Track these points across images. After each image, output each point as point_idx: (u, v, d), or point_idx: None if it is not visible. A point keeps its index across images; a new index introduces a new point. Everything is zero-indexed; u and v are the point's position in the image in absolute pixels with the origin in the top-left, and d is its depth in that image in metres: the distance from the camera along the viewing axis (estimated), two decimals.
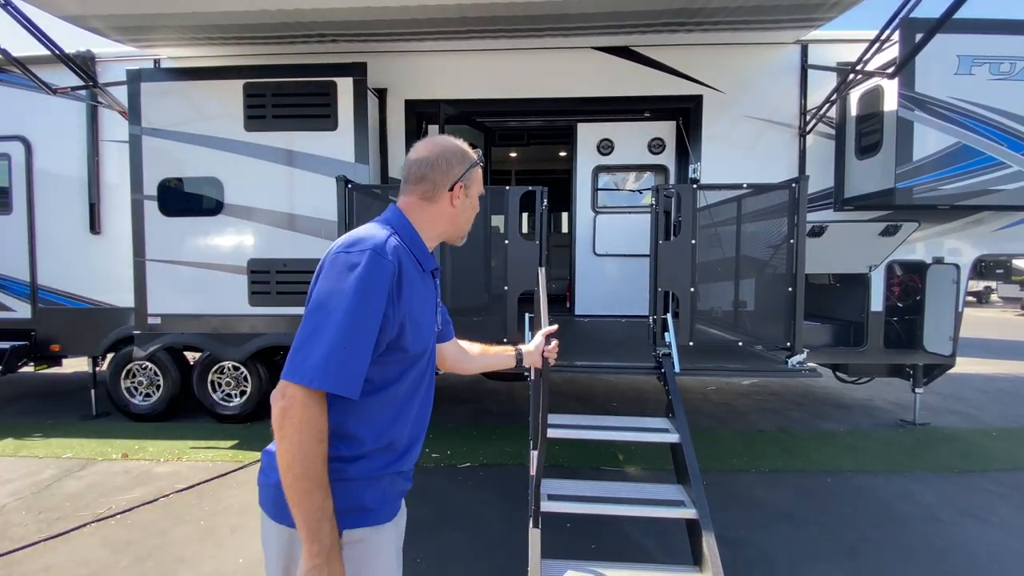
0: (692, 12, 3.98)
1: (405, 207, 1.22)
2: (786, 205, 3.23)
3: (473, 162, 1.25)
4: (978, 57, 3.78)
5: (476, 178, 1.27)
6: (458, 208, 1.24)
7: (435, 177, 1.20)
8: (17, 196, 5.09)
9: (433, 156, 1.20)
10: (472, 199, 1.28)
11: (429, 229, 1.23)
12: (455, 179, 1.21)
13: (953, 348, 4.56)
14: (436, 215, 1.23)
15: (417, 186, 1.21)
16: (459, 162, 1.22)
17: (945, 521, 3.20)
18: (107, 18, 4.07)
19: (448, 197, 1.22)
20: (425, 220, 1.22)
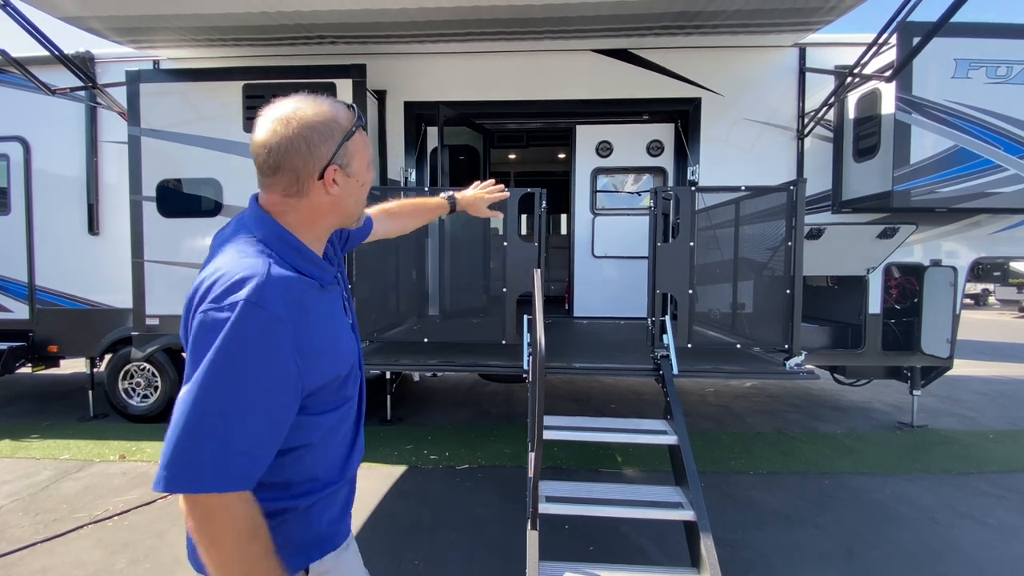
0: (691, 15, 4.00)
1: (270, 207, 0.94)
2: (784, 207, 3.24)
3: (345, 133, 0.93)
4: (975, 61, 3.80)
5: (357, 148, 0.96)
6: (338, 195, 0.94)
7: (294, 165, 0.89)
8: (16, 196, 5.08)
9: (283, 139, 0.88)
10: (358, 176, 0.97)
11: (308, 230, 0.96)
12: (324, 162, 0.91)
13: (951, 350, 4.57)
14: (312, 212, 0.95)
15: (274, 179, 0.91)
16: (323, 138, 0.90)
17: (942, 523, 3.20)
18: (106, 19, 4.07)
19: (320, 187, 0.92)
20: (300, 221, 0.94)
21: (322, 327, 0.91)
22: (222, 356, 0.77)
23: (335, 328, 0.98)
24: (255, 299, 0.80)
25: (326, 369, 0.92)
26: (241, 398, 0.79)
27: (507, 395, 6.16)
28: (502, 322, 3.43)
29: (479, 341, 3.59)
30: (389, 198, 1.70)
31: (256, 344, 0.79)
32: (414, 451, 4.36)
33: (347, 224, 1.04)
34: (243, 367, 0.79)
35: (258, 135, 0.90)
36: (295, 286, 0.86)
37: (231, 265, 0.84)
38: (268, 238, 0.92)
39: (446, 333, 3.77)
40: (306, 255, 0.94)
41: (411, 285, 4.28)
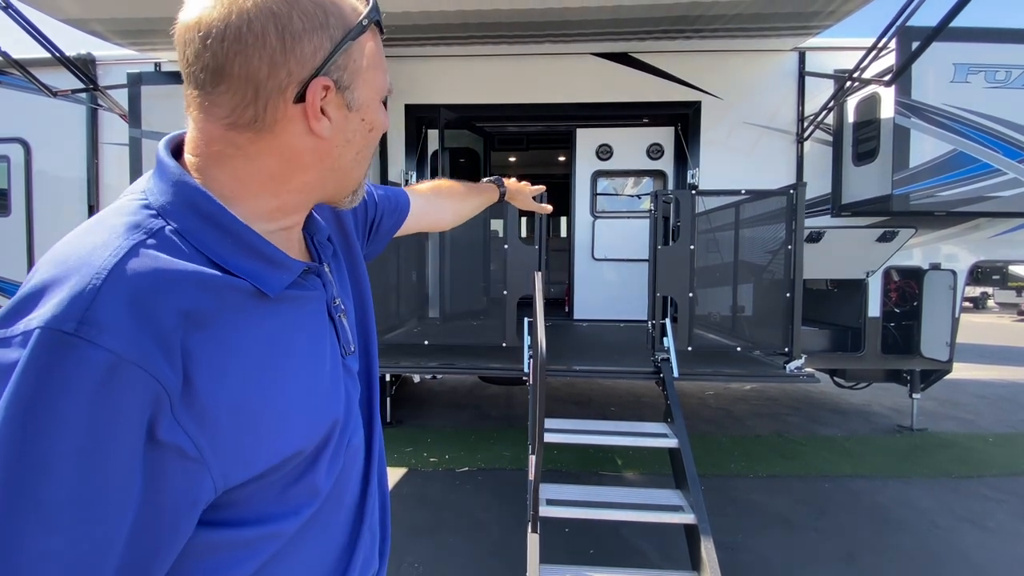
0: (691, 19, 4.01)
1: (196, 148, 0.54)
2: (784, 211, 3.26)
3: (351, 27, 0.54)
4: (974, 65, 3.81)
5: (369, 60, 0.57)
6: (328, 136, 0.55)
7: (250, 69, 0.50)
8: (16, 198, 5.09)
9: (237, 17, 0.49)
10: (365, 109, 0.57)
11: (263, 194, 0.55)
12: (308, 70, 0.51)
13: (950, 353, 4.58)
14: (278, 161, 0.54)
15: (213, 94, 0.52)
16: (310, 24, 0.51)
17: (942, 527, 3.20)
18: (108, 21, 4.08)
19: (297, 116, 0.53)
20: (250, 177, 0.54)
21: (258, 365, 0.51)
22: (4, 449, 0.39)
23: (292, 365, 0.54)
24: (69, 323, 0.40)
25: (263, 444, 0.51)
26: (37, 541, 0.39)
27: (507, 398, 6.16)
28: (502, 324, 3.43)
29: (479, 343, 3.59)
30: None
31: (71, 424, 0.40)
32: (414, 453, 4.36)
33: (336, 195, 0.61)
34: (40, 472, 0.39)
35: (189, 12, 0.51)
36: (175, 288, 0.46)
37: (54, 253, 0.46)
38: (168, 203, 0.51)
39: (446, 335, 3.77)
40: (243, 238, 0.52)
41: (411, 287, 4.28)
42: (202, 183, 0.52)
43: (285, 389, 0.53)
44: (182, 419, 0.44)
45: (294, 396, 0.54)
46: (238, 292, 0.51)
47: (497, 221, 3.73)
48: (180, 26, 0.52)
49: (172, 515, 0.45)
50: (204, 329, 0.47)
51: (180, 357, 0.44)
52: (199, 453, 0.46)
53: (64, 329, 0.40)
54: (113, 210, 0.51)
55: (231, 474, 0.49)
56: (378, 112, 0.60)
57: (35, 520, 0.39)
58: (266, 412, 0.51)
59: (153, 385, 0.42)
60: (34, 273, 0.45)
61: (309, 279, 0.61)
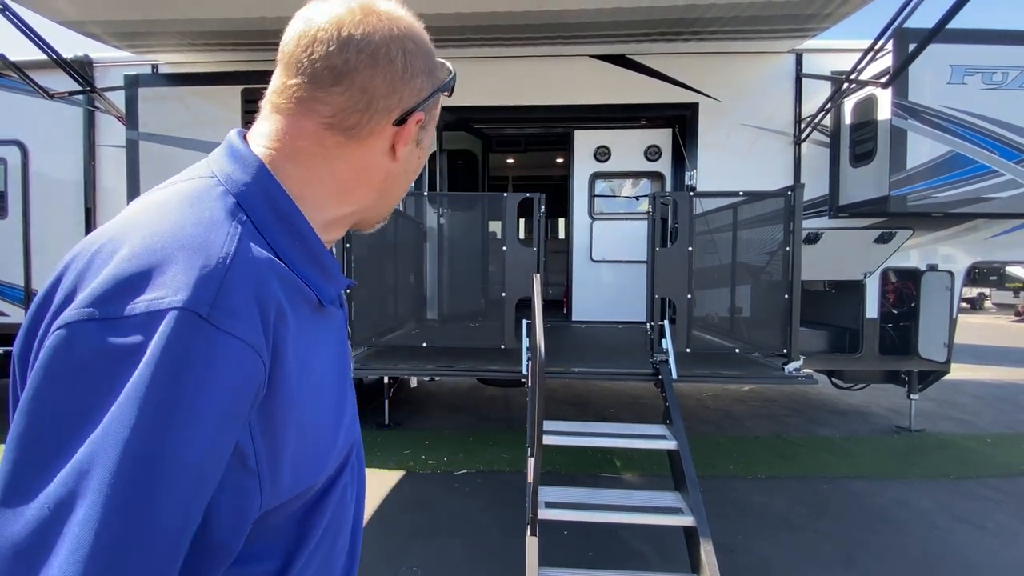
0: (689, 22, 4.02)
1: (284, 144, 0.53)
2: (782, 212, 3.26)
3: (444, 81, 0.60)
4: (971, 67, 3.82)
5: (436, 111, 0.62)
6: (403, 163, 0.59)
7: (374, 82, 0.53)
8: (13, 200, 5.07)
9: (375, 33, 0.53)
10: (423, 151, 0.63)
11: (328, 204, 0.56)
12: (413, 101, 0.56)
13: (948, 354, 4.58)
14: (356, 173, 0.56)
15: (327, 92, 0.52)
16: (426, 65, 0.57)
17: (941, 527, 3.20)
18: (105, 23, 4.08)
19: (388, 135, 0.56)
20: (326, 183, 0.55)
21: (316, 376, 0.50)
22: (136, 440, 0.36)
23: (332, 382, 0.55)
24: (203, 306, 0.39)
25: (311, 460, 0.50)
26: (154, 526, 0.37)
27: (505, 400, 6.15)
28: (501, 326, 3.43)
29: (478, 345, 3.58)
30: None
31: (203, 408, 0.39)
32: (412, 456, 4.35)
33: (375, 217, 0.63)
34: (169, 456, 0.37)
35: (325, 13, 0.53)
36: (276, 281, 0.46)
37: (146, 227, 0.43)
38: (246, 194, 0.49)
39: (445, 337, 3.76)
40: (310, 243, 0.52)
41: (409, 289, 4.27)
42: (280, 182, 0.52)
43: (328, 402, 0.52)
44: (255, 422, 0.42)
45: (334, 409, 0.54)
46: (304, 297, 0.50)
47: (495, 223, 3.73)
48: (312, 23, 0.53)
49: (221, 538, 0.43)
50: (285, 332, 0.45)
51: (271, 355, 0.43)
52: (256, 465, 0.43)
53: (200, 312, 0.39)
54: (196, 191, 0.49)
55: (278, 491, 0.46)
56: (425, 153, 0.64)
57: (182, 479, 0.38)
58: (318, 426, 0.50)
59: (264, 376, 0.42)
60: (118, 248, 0.42)
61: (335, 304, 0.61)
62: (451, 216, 4.25)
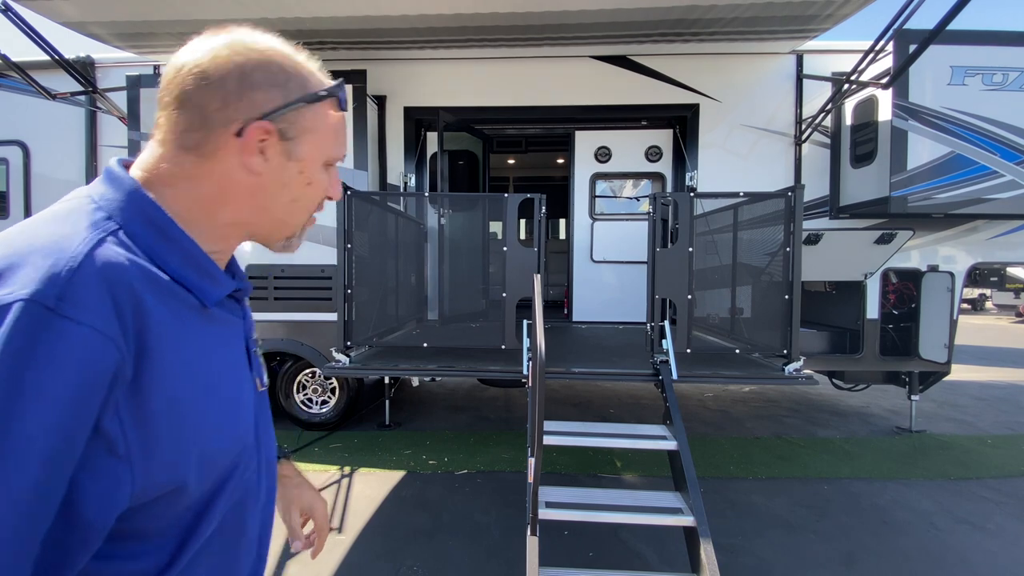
0: (689, 23, 4.03)
1: (147, 166, 0.59)
2: (782, 213, 3.26)
3: (306, 93, 0.62)
4: (971, 68, 3.83)
5: (316, 125, 0.63)
6: (263, 175, 0.61)
7: (205, 99, 0.57)
8: (14, 200, 5.08)
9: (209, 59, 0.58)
10: (305, 164, 0.63)
11: (202, 218, 0.60)
12: (254, 113, 0.58)
13: (948, 355, 4.58)
14: (218, 187, 0.60)
15: (171, 116, 0.58)
16: (267, 80, 0.59)
17: (942, 529, 3.20)
18: (107, 24, 4.09)
19: (235, 149, 0.59)
20: (193, 199, 0.59)
21: (195, 372, 0.54)
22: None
23: (220, 381, 0.58)
24: (50, 298, 0.44)
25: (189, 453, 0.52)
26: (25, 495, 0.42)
27: (506, 400, 6.15)
28: (501, 327, 3.43)
29: (478, 346, 3.59)
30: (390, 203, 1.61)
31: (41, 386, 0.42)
32: (412, 456, 4.35)
33: (269, 236, 0.66)
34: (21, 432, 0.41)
35: (181, 54, 0.59)
36: (137, 283, 0.49)
37: (11, 238, 0.48)
38: (119, 209, 0.54)
39: (445, 338, 3.77)
40: (184, 248, 0.57)
41: (410, 289, 4.28)
42: (152, 196, 0.58)
43: (212, 402, 0.56)
44: (122, 410, 0.46)
45: (220, 411, 0.57)
46: (180, 298, 0.56)
47: (496, 223, 3.74)
48: (176, 63, 0.59)
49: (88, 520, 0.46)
50: (153, 326, 0.50)
51: (135, 349, 0.47)
52: (127, 451, 0.47)
53: (47, 304, 0.44)
54: (67, 209, 0.54)
55: (152, 482, 0.50)
56: (319, 172, 0.65)
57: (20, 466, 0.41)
58: (197, 421, 0.53)
59: (120, 363, 0.46)
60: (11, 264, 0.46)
61: (232, 307, 0.66)
62: (452, 216, 4.26)
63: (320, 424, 4.92)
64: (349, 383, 4.86)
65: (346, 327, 3.39)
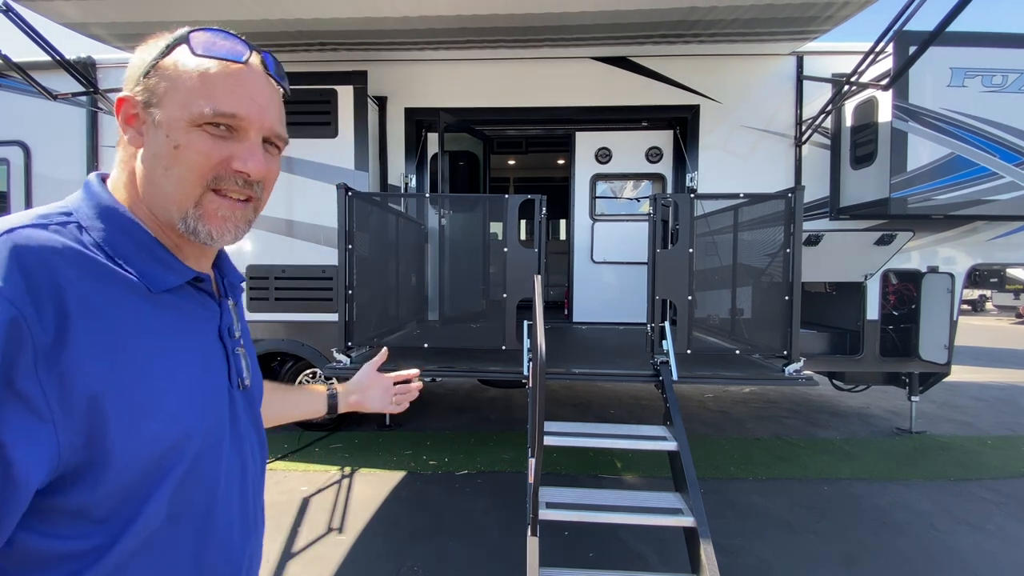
0: (690, 24, 4.03)
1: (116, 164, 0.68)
2: (782, 214, 3.27)
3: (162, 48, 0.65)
4: (971, 69, 3.83)
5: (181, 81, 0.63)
6: (145, 148, 0.64)
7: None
8: (15, 201, 5.08)
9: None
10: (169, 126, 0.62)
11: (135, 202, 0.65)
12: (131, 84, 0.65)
13: (948, 356, 4.58)
14: (126, 172, 0.66)
15: None
16: (139, 61, 0.65)
17: (942, 529, 3.21)
18: (108, 25, 4.09)
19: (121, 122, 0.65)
20: (123, 184, 0.66)
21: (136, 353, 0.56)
22: None
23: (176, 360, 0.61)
24: None
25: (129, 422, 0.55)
26: None
27: (506, 400, 6.16)
28: (502, 327, 3.44)
29: (479, 346, 3.59)
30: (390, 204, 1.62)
31: None
32: (413, 456, 4.35)
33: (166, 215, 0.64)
34: None
35: None
36: (54, 260, 0.53)
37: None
38: (82, 206, 0.61)
39: (446, 338, 3.77)
40: (135, 237, 0.62)
41: (411, 289, 4.28)
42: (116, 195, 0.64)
43: (147, 381, 0.57)
44: (43, 374, 0.49)
45: (158, 391, 0.58)
46: (121, 282, 0.58)
47: (497, 224, 3.74)
48: None
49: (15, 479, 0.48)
50: (73, 300, 0.53)
51: (53, 318, 0.51)
52: (51, 414, 0.50)
53: None
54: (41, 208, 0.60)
55: (75, 447, 0.52)
56: (185, 132, 0.62)
57: None
58: (125, 395, 0.55)
59: (26, 327, 0.49)
60: None
61: (206, 301, 0.69)
62: (452, 217, 4.26)
63: (320, 425, 4.92)
64: None
65: (347, 327, 3.40)
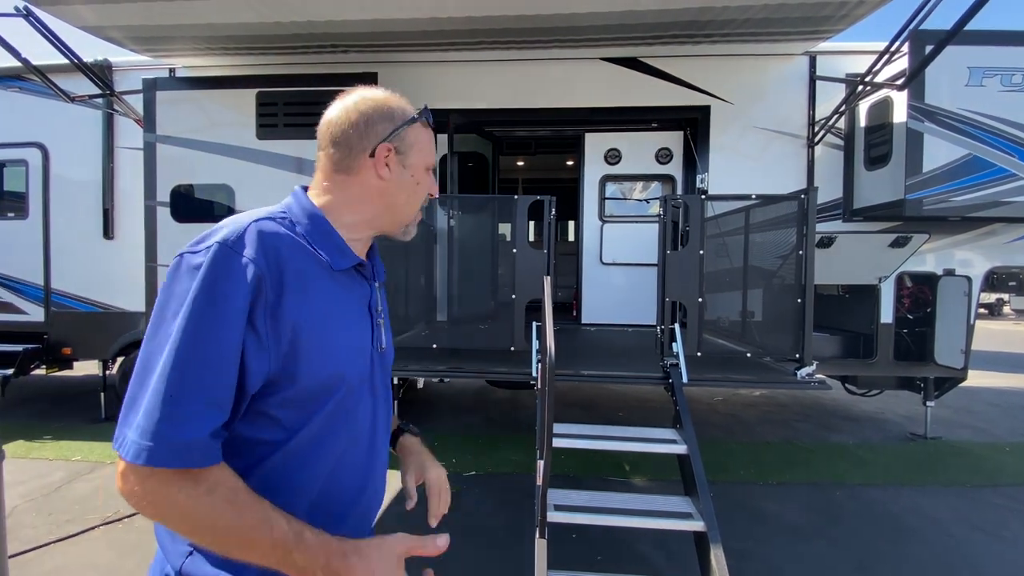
0: (702, 24, 4.01)
1: (315, 186, 0.94)
2: (795, 216, 3.23)
3: (407, 118, 0.92)
4: (989, 68, 3.77)
5: (418, 140, 0.94)
6: (389, 181, 0.92)
7: (348, 138, 0.90)
8: (33, 201, 5.18)
9: (345, 113, 0.91)
10: (413, 170, 0.94)
11: (349, 213, 0.92)
12: (379, 139, 0.90)
13: (965, 361, 4.50)
14: (358, 192, 0.92)
15: (328, 152, 0.92)
16: (382, 117, 0.91)
17: (957, 536, 3.15)
18: (125, 28, 4.15)
19: (370, 165, 0.90)
20: (342, 200, 0.91)
21: (308, 303, 0.81)
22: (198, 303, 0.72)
23: (338, 313, 0.87)
24: (231, 242, 0.76)
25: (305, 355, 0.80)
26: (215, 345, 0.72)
27: (514, 402, 6.15)
28: (510, 328, 3.43)
29: (487, 347, 3.59)
30: None
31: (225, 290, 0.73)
32: None
33: (393, 225, 0.97)
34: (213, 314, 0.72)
35: (328, 114, 0.93)
36: (280, 242, 0.80)
37: (228, 220, 0.82)
38: (292, 210, 0.89)
39: (454, 339, 3.78)
40: (327, 233, 0.88)
41: (419, 290, 4.30)
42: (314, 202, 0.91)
43: (330, 334, 0.84)
44: (267, 318, 0.76)
45: (336, 342, 0.85)
46: (316, 261, 0.85)
47: (505, 225, 3.74)
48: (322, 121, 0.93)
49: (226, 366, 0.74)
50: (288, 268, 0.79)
51: (278, 280, 0.78)
52: (268, 344, 0.77)
53: (224, 245, 0.76)
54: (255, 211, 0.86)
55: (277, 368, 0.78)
56: (425, 176, 0.97)
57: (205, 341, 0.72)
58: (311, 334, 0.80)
59: (263, 284, 0.76)
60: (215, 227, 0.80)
61: (363, 282, 0.95)
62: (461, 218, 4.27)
63: None
64: None
65: None
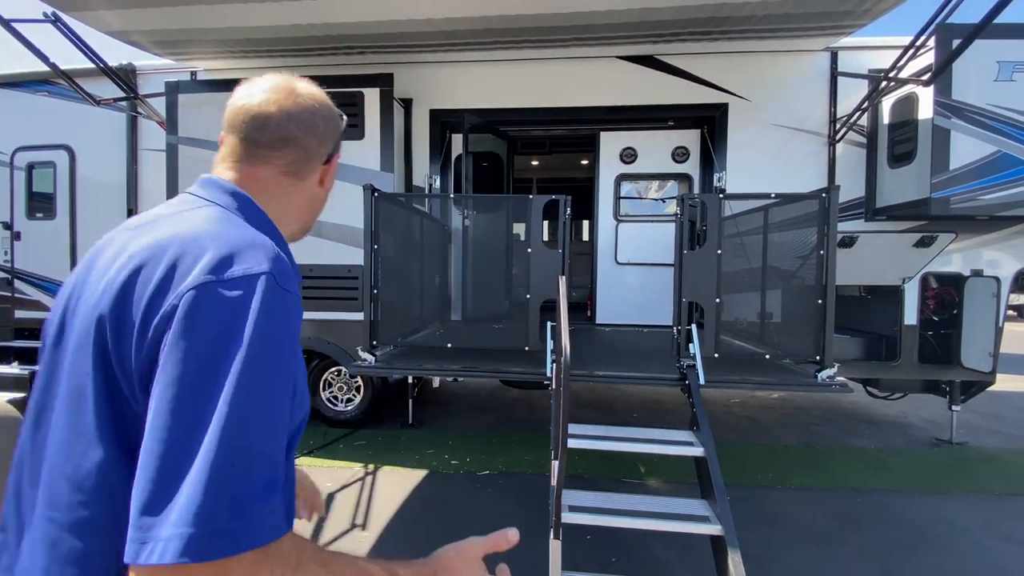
0: (719, 21, 3.95)
1: (253, 184, 0.79)
2: (815, 215, 3.17)
3: (343, 127, 0.90)
4: (1020, 63, 3.65)
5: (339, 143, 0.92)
6: (325, 191, 0.89)
7: (307, 142, 0.80)
8: (61, 202, 5.33)
9: (302, 110, 0.80)
10: (333, 173, 0.92)
11: (287, 223, 0.83)
12: (330, 149, 0.85)
13: (993, 364, 4.37)
14: (303, 201, 0.85)
15: (279, 153, 0.79)
16: (332, 124, 0.85)
17: (984, 546, 3.06)
18: (149, 33, 4.25)
19: (319, 174, 0.85)
20: (287, 209, 0.82)
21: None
22: (256, 348, 0.57)
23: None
24: (274, 275, 0.63)
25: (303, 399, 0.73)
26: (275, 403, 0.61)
27: (528, 401, 6.14)
28: (525, 328, 3.43)
29: (502, 347, 3.59)
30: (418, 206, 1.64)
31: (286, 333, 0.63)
32: (435, 456, 4.38)
33: (302, 232, 0.91)
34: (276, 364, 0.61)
35: (261, 98, 0.78)
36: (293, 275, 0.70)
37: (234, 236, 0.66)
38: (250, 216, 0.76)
39: (469, 338, 3.78)
40: (289, 255, 0.76)
41: (434, 290, 4.31)
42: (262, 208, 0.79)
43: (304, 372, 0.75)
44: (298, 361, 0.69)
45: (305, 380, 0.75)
46: None
47: (520, 225, 3.74)
48: (251, 105, 0.79)
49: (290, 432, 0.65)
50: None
51: None
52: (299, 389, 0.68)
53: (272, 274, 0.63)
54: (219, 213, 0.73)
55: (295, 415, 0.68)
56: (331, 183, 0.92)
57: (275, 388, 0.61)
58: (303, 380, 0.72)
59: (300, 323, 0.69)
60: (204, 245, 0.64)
61: None
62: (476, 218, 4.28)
63: (345, 422, 5.00)
64: (374, 382, 4.93)
65: (372, 327, 3.44)
